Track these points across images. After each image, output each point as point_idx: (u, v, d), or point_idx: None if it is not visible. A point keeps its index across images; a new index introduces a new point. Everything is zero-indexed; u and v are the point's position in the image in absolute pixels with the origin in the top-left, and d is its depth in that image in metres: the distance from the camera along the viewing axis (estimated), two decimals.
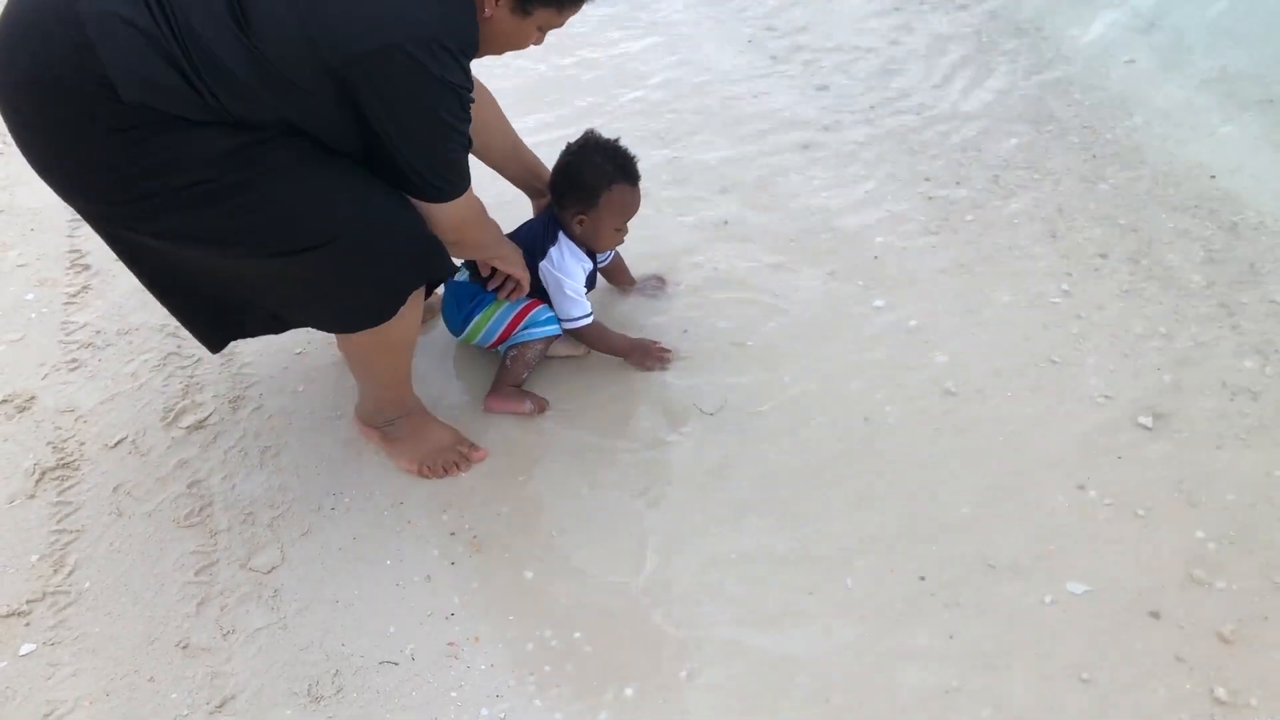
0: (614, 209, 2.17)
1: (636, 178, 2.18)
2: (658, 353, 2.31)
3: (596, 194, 2.14)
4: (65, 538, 1.94)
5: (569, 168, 2.17)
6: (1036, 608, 1.80)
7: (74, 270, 2.58)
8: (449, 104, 1.64)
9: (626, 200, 2.18)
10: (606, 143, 2.17)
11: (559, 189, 2.20)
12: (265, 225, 1.63)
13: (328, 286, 1.75)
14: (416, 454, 2.06)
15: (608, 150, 2.16)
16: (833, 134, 3.19)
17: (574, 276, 2.20)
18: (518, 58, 2.32)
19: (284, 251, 1.65)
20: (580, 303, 2.21)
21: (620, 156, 2.16)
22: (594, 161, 2.15)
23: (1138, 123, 3.17)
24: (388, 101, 1.59)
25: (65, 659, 1.75)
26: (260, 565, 1.90)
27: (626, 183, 2.16)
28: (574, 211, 2.18)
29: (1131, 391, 2.21)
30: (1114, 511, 1.96)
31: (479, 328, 2.22)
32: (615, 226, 2.21)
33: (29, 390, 2.25)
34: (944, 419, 2.17)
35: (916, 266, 2.61)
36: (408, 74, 1.56)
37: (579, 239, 2.21)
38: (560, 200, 2.20)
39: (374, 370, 2.01)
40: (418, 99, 1.60)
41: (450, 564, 1.90)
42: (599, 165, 2.14)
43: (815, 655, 1.74)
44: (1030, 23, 3.81)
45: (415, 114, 1.62)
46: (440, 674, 1.72)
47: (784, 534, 1.95)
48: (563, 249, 2.20)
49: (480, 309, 2.21)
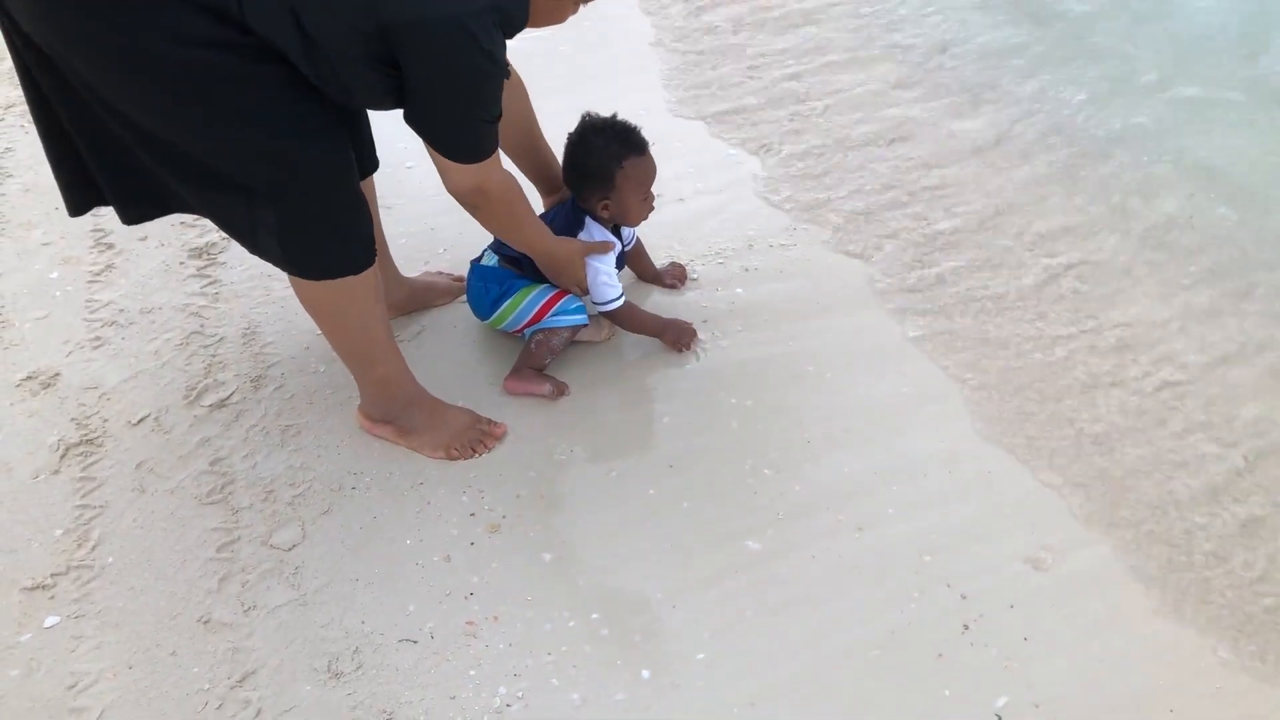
0: (632, 184, 2.17)
1: (644, 146, 2.17)
2: (690, 333, 2.32)
3: (611, 176, 2.14)
4: (89, 513, 1.96)
5: (575, 160, 2.17)
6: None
7: (98, 249, 2.60)
8: (488, 77, 1.67)
9: (642, 171, 2.17)
10: (603, 122, 2.16)
11: (574, 183, 2.20)
12: (210, 130, 1.62)
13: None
14: (440, 440, 2.07)
15: (606, 129, 2.15)
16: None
17: (604, 261, 2.20)
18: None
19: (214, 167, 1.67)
20: (612, 285, 2.22)
21: (621, 130, 2.16)
22: (596, 145, 2.14)
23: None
24: (431, 68, 1.63)
25: (88, 632, 1.76)
26: (281, 543, 1.91)
27: (635, 154, 2.15)
28: (596, 199, 2.18)
29: None
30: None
31: (508, 313, 2.22)
32: (640, 198, 2.21)
33: (53, 367, 2.26)
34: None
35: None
36: (457, 47, 1.59)
37: (609, 221, 2.22)
38: (579, 193, 2.20)
39: (345, 333, 1.97)
40: (460, 70, 1.63)
41: (469, 544, 1.91)
42: (603, 147, 2.14)
43: (825, 631, 1.74)
44: None
45: (453, 82, 1.65)
46: (459, 652, 1.73)
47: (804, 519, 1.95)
48: (591, 236, 2.20)
49: (510, 294, 2.21)
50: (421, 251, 2.59)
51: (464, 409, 2.13)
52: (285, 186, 1.69)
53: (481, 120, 1.74)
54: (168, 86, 1.56)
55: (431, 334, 2.38)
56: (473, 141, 1.77)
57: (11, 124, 3.08)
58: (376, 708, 1.65)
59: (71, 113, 1.68)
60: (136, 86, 1.56)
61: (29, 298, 2.45)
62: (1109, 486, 2.00)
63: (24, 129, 3.05)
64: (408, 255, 2.50)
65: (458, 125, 1.75)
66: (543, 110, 2.27)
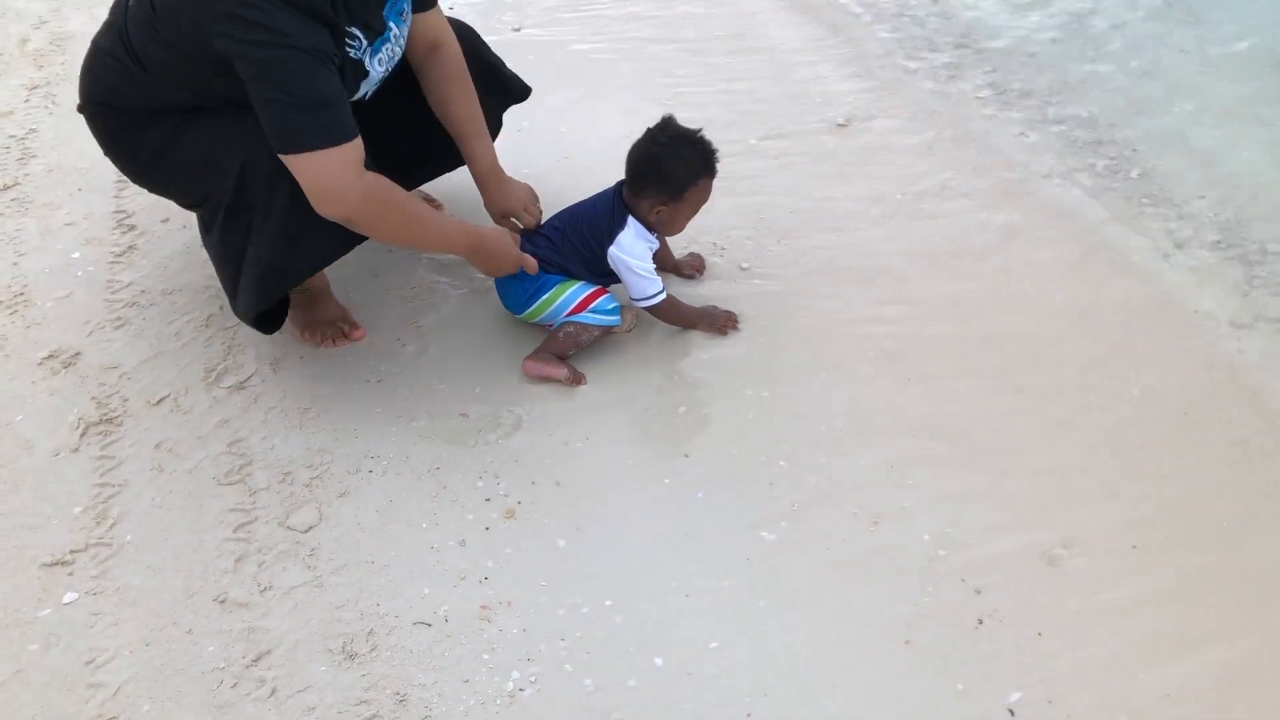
0: (694, 202, 2.20)
1: (716, 171, 2.19)
2: (726, 319, 2.34)
3: (683, 187, 2.16)
4: (108, 491, 1.97)
5: (657, 159, 2.16)
6: None
7: (120, 230, 2.61)
8: (278, 59, 1.75)
9: (706, 194, 2.21)
10: (692, 134, 2.17)
11: (639, 177, 2.19)
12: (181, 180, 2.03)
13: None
14: (302, 321, 2.26)
15: (695, 143, 2.16)
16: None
17: (643, 257, 2.21)
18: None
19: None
20: (653, 279, 2.22)
21: (707, 150, 2.17)
22: (683, 155, 2.15)
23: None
24: (234, 51, 1.74)
25: (106, 609, 1.78)
26: (298, 524, 1.92)
27: (708, 176, 2.18)
28: (654, 201, 2.18)
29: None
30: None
31: (544, 307, 2.23)
32: (690, 217, 2.24)
33: (75, 346, 2.28)
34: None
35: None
36: (241, 23, 1.72)
37: (651, 225, 2.22)
38: (639, 188, 2.19)
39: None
40: (249, 45, 1.74)
41: (485, 529, 1.91)
42: (688, 159, 2.15)
43: (838, 623, 1.74)
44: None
45: (246, 57, 1.75)
46: (473, 636, 1.74)
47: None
48: (631, 232, 2.20)
49: (547, 289, 2.22)
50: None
51: (339, 305, 2.31)
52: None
53: (293, 102, 1.76)
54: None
55: (456, 312, 2.40)
56: (295, 124, 1.77)
57: (36, 105, 3.10)
58: (390, 689, 1.66)
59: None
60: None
61: (51, 277, 2.47)
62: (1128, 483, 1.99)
63: (48, 110, 3.07)
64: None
65: (272, 108, 1.77)
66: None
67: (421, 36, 2.19)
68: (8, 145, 2.91)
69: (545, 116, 2.46)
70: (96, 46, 2.05)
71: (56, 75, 3.24)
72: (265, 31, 1.72)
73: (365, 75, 2.00)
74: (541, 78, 2.66)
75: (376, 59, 2.02)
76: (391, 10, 2.04)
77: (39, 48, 3.37)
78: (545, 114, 2.51)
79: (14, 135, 2.95)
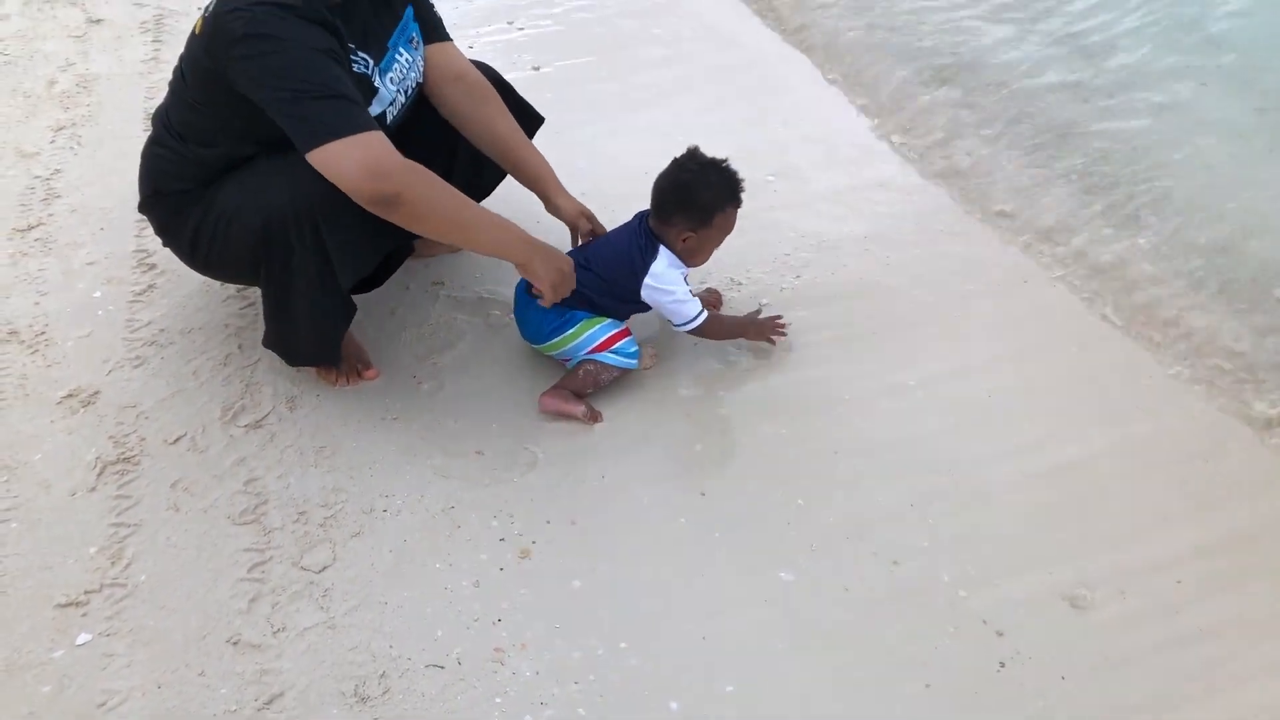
0: (720, 229, 2.20)
1: (741, 201, 2.20)
2: (774, 325, 2.35)
3: (711, 214, 2.16)
4: (123, 531, 1.97)
5: (687, 186, 2.16)
6: None
7: (140, 269, 2.63)
8: (275, 52, 1.79)
9: (732, 221, 2.22)
10: (719, 162, 2.18)
11: (667, 204, 2.19)
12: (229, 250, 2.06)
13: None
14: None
15: (724, 171, 2.17)
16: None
17: (679, 283, 2.21)
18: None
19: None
20: (692, 301, 2.23)
21: (734, 179, 2.18)
22: (711, 182, 2.15)
23: None
24: (251, 73, 1.81)
25: (120, 650, 1.77)
26: (312, 564, 1.91)
27: (735, 205, 2.19)
28: (681, 229, 2.18)
29: None
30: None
31: (565, 342, 2.22)
32: (718, 244, 2.24)
33: (94, 385, 2.29)
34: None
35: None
36: (251, 41, 1.79)
37: (679, 254, 2.22)
38: (667, 215, 2.19)
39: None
40: (263, 58, 1.79)
41: (499, 570, 1.90)
42: (716, 185, 2.16)
43: (857, 665, 1.71)
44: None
45: (257, 70, 1.81)
46: (486, 679, 1.72)
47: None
48: (664, 260, 2.20)
49: (571, 325, 2.21)
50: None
51: (354, 343, 2.30)
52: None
53: (308, 93, 1.78)
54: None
55: (472, 348, 2.40)
56: (314, 115, 1.79)
57: (62, 146, 3.13)
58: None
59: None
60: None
61: (72, 317, 2.49)
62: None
63: (73, 150, 3.10)
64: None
65: (289, 106, 1.80)
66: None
67: (442, 72, 2.24)
68: (33, 186, 2.94)
69: (563, 151, 2.46)
70: (146, 145, 2.14)
71: (82, 116, 3.28)
72: (275, 41, 1.78)
73: (375, 93, 2.01)
74: (559, 114, 2.67)
75: (387, 78, 2.04)
76: (400, 38, 2.08)
77: (66, 89, 3.41)
78: (563, 149, 2.51)
79: (39, 176, 2.98)
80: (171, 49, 3.62)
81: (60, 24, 3.85)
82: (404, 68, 2.11)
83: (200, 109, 1.98)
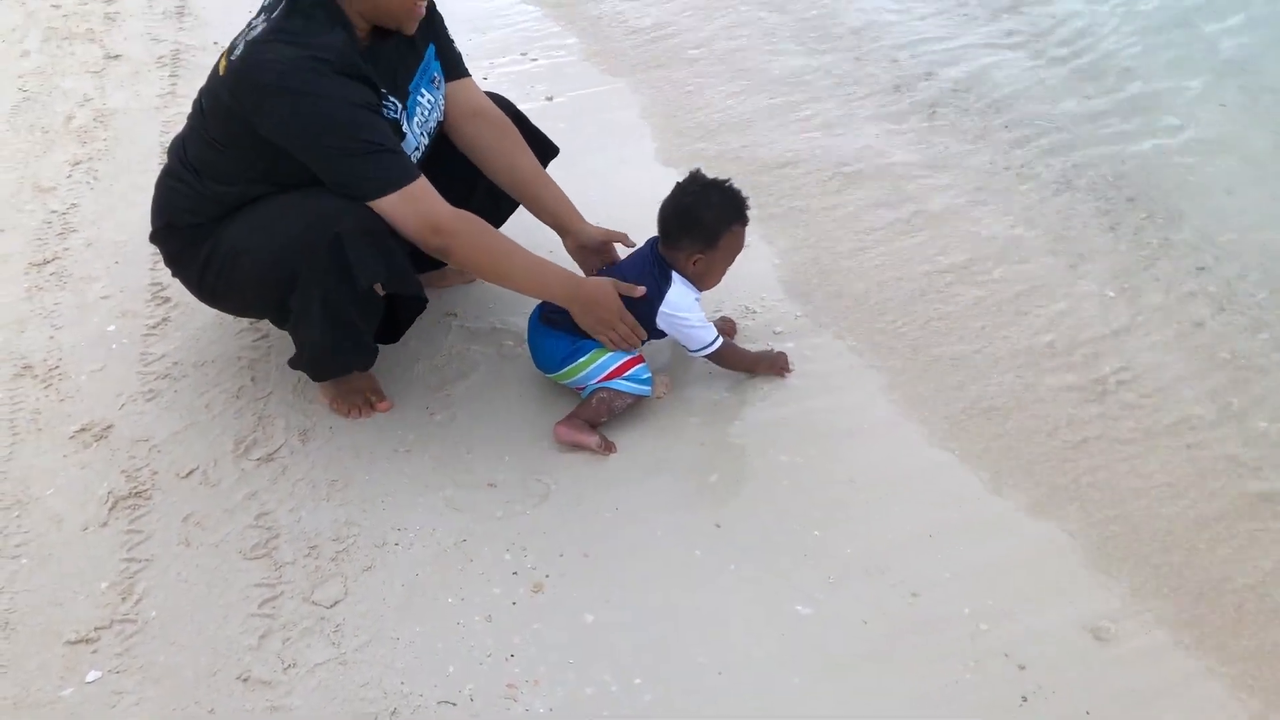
0: (728, 250, 2.19)
1: (747, 219, 2.19)
2: (784, 361, 2.35)
3: (718, 235, 2.15)
4: (135, 566, 1.96)
5: (690, 209, 2.16)
6: None
7: (154, 303, 2.63)
8: (324, 110, 1.84)
9: (740, 241, 2.21)
10: (722, 183, 2.17)
11: (673, 229, 2.19)
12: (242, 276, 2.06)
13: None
14: (331, 390, 2.28)
15: (726, 191, 2.16)
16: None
17: (694, 309, 2.21)
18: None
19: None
20: (708, 327, 2.23)
21: (738, 198, 2.17)
22: (714, 202, 2.15)
23: None
24: (288, 125, 1.86)
25: (129, 687, 1.75)
26: (323, 599, 1.89)
27: (741, 224, 2.18)
28: (690, 252, 2.17)
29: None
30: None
31: (578, 370, 2.21)
32: (728, 265, 2.23)
33: (107, 419, 2.29)
34: None
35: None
36: (287, 95, 1.83)
37: (690, 278, 2.21)
38: (674, 240, 2.19)
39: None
40: (301, 118, 1.85)
41: (511, 604, 1.88)
42: (719, 205, 2.15)
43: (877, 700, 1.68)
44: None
45: (298, 125, 1.86)
46: (498, 716, 1.69)
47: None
48: (679, 287, 2.19)
49: (583, 353, 2.20)
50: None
51: (368, 375, 2.29)
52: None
53: (356, 150, 1.86)
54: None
55: (485, 379, 2.39)
56: (363, 172, 1.88)
57: (78, 180, 3.15)
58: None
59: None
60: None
61: (86, 350, 2.49)
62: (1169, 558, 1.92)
63: (89, 185, 3.12)
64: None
65: (336, 161, 1.88)
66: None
67: (462, 109, 2.27)
68: (49, 220, 2.96)
69: (576, 182, 2.46)
70: (160, 176, 2.16)
71: (99, 151, 3.30)
72: (313, 99, 1.82)
73: (403, 138, 2.04)
74: (572, 144, 2.67)
75: (413, 122, 2.08)
76: (423, 79, 2.10)
77: (83, 124, 3.44)
78: (576, 179, 2.51)
79: (55, 210, 3.00)
80: (188, 84, 3.66)
81: (79, 60, 3.90)
82: (426, 109, 2.14)
83: (221, 150, 2.00)
